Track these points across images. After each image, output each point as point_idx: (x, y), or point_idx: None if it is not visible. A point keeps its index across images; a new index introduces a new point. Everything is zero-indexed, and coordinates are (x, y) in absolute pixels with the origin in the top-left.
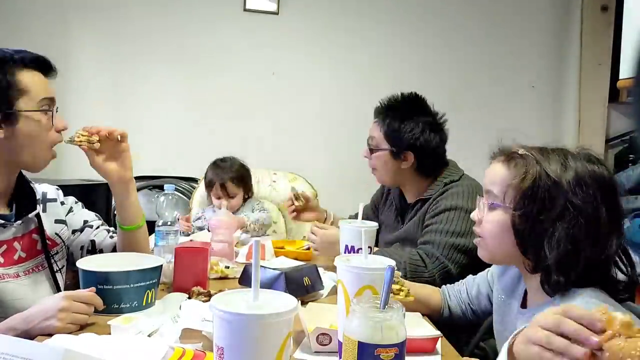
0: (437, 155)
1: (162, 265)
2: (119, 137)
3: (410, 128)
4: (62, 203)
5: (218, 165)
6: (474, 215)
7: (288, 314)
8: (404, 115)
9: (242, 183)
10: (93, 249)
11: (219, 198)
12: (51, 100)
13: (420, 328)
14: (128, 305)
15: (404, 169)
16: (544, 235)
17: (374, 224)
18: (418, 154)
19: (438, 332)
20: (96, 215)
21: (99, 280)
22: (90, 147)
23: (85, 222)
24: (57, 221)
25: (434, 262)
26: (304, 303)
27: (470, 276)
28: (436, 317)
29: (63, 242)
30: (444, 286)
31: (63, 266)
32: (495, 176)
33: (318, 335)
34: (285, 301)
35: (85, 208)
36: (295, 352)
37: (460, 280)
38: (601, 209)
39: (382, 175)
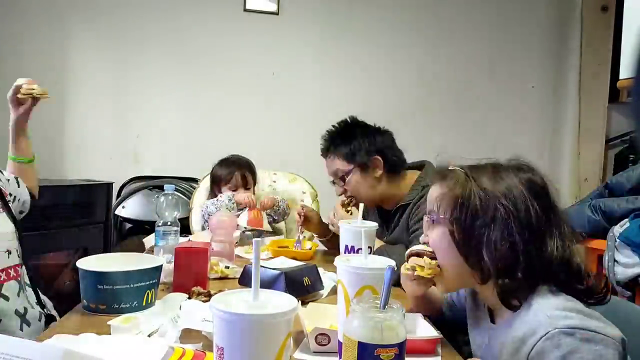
0: (397, 151)
1: (162, 265)
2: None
3: (362, 139)
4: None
5: (230, 159)
6: (421, 238)
7: (288, 314)
8: (346, 136)
9: (254, 176)
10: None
11: (234, 190)
12: None
13: (421, 329)
14: (128, 305)
15: (378, 177)
16: (481, 241)
17: (373, 224)
18: (382, 155)
19: (438, 334)
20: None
21: (98, 280)
22: (42, 96)
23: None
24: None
25: None
26: (304, 303)
27: None
28: (437, 314)
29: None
30: None
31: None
32: (432, 195)
33: (317, 336)
34: (285, 301)
35: (85, 209)
36: (295, 352)
37: None
38: (533, 207)
39: (364, 196)
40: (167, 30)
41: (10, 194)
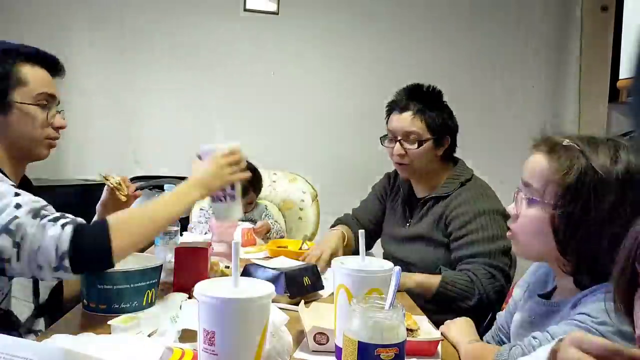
0: (456, 140)
1: (162, 265)
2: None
3: (448, 114)
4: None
5: None
6: (510, 209)
7: (264, 299)
8: (437, 104)
9: (252, 186)
10: None
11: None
12: (51, 97)
13: (423, 330)
14: (128, 305)
15: (437, 156)
16: (589, 237)
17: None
18: (452, 137)
19: (439, 335)
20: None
21: (99, 279)
22: (117, 189)
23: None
24: None
25: (484, 279)
26: (306, 303)
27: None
28: None
29: None
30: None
31: None
32: (536, 169)
33: (315, 335)
34: (262, 288)
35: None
36: (295, 351)
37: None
38: None
39: (418, 167)
40: (166, 30)
41: None
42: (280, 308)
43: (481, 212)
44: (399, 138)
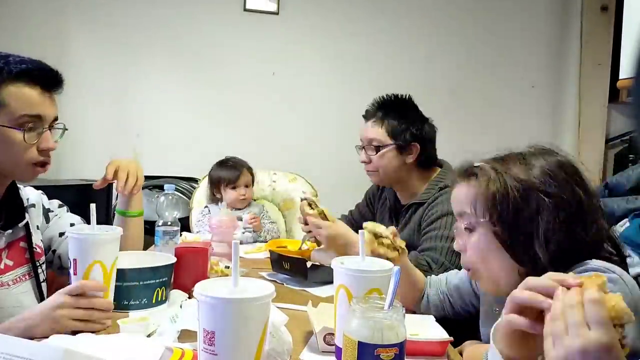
0: (434, 147)
1: (174, 264)
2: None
3: (412, 121)
4: (48, 210)
5: (228, 161)
6: (456, 246)
7: (265, 299)
8: (401, 111)
9: (252, 174)
10: None
11: (234, 188)
12: (37, 118)
13: (432, 330)
14: (138, 302)
15: (408, 164)
16: (531, 235)
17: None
18: (422, 144)
19: (448, 336)
20: (81, 219)
21: None
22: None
23: (72, 224)
24: (37, 227)
25: (439, 267)
26: (314, 304)
27: (454, 270)
28: (417, 303)
29: (44, 249)
30: (428, 276)
31: (45, 278)
32: (460, 196)
33: (325, 335)
34: (261, 287)
35: (85, 208)
36: (303, 351)
37: (443, 273)
38: (578, 191)
39: (385, 175)
40: (166, 29)
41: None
42: (281, 308)
43: (448, 213)
44: (362, 145)
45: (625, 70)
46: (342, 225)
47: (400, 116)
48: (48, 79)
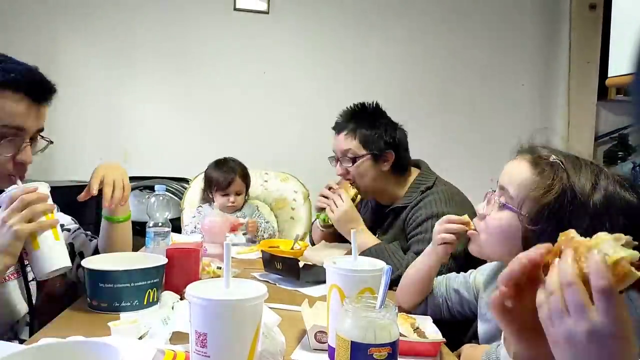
0: (407, 151)
1: (164, 265)
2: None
3: (384, 129)
4: None
5: (224, 164)
6: (479, 208)
7: (257, 299)
8: (371, 120)
9: (246, 181)
10: (72, 252)
11: (225, 195)
12: (18, 129)
13: (428, 331)
14: (129, 304)
15: (384, 172)
16: None
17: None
18: (396, 151)
19: (441, 337)
20: (72, 219)
21: (100, 278)
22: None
23: (62, 225)
24: None
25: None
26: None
27: (453, 273)
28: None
29: None
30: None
31: (33, 277)
32: (516, 175)
33: (316, 333)
34: (253, 288)
35: (75, 209)
36: (295, 350)
37: (443, 275)
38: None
39: (363, 186)
40: (157, 29)
41: None
42: (273, 308)
43: (432, 215)
44: (337, 157)
45: (614, 68)
46: (357, 213)
47: (371, 125)
48: (36, 92)
